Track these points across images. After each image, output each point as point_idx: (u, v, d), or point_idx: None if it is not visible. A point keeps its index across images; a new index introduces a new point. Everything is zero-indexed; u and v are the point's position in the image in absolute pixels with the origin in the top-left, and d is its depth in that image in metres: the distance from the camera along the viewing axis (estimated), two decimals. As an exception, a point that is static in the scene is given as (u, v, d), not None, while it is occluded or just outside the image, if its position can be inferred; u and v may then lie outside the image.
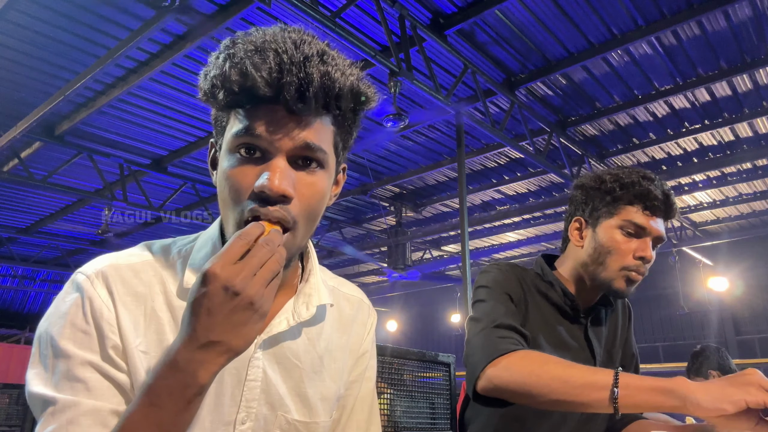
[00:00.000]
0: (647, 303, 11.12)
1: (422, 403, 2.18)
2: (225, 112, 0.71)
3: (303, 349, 0.81)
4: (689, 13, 4.78)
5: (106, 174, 7.37)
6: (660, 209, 1.23)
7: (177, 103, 6.09)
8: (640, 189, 1.22)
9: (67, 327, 0.67)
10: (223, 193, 0.71)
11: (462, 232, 5.70)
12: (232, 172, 0.69)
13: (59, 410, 0.64)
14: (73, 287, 0.71)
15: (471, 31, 5.20)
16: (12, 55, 5.13)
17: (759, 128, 6.75)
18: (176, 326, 0.72)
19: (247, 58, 0.65)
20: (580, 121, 6.65)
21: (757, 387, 0.85)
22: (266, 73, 0.64)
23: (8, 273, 12.63)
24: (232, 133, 0.68)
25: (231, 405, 0.74)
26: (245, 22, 4.87)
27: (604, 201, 1.26)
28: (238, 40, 0.69)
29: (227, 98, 0.66)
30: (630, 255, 1.22)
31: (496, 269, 1.29)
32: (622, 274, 1.22)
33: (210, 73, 0.68)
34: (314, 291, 0.82)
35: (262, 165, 0.68)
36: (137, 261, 0.76)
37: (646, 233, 1.22)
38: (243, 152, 0.68)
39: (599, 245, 1.25)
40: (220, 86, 0.66)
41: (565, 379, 0.97)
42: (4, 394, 5.95)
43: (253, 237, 0.62)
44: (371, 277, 13.37)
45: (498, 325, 1.12)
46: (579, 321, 1.30)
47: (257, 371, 0.75)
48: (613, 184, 1.26)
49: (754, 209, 9.05)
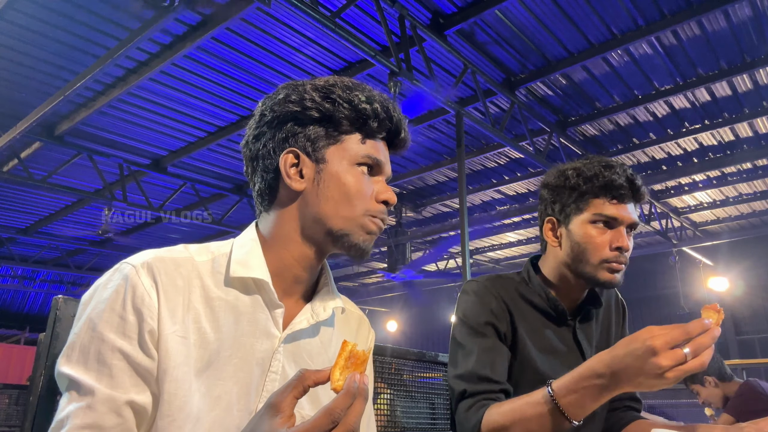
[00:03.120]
0: (647, 303, 11.11)
1: (422, 403, 2.18)
2: (345, 131, 0.85)
3: (316, 351, 0.87)
4: (689, 13, 4.78)
5: (105, 174, 7.37)
6: (627, 195, 1.22)
7: (177, 103, 6.09)
8: (603, 180, 1.21)
9: (107, 312, 0.73)
10: (350, 195, 0.84)
11: (462, 232, 5.70)
12: (360, 182, 0.85)
13: (81, 394, 0.70)
14: (118, 275, 0.76)
15: (471, 31, 5.20)
16: (12, 55, 5.12)
17: (759, 128, 6.75)
18: (212, 316, 0.78)
19: (384, 101, 0.86)
20: (580, 121, 6.65)
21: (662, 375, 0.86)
22: (396, 118, 0.88)
23: (8, 273, 12.62)
24: (362, 153, 0.85)
25: (255, 395, 0.78)
26: (245, 22, 4.88)
27: (571, 197, 1.25)
28: (345, 81, 0.87)
29: (374, 126, 0.85)
30: (606, 247, 1.21)
31: (473, 291, 1.27)
32: (604, 266, 1.21)
33: (353, 99, 0.84)
34: (329, 296, 0.90)
35: (377, 180, 0.87)
36: (179, 256, 0.81)
37: (618, 222, 1.22)
38: (365, 170, 0.85)
39: (575, 243, 1.24)
40: (372, 116, 0.84)
41: (524, 418, 1.01)
42: (4, 394, 5.94)
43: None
44: (371, 277, 13.38)
45: (463, 393, 1.14)
46: (566, 323, 1.29)
47: (278, 364, 0.81)
48: (576, 179, 1.24)
49: (754, 209, 9.04)
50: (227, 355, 0.77)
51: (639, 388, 0.91)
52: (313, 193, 0.84)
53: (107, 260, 11.17)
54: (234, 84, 5.75)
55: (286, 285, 0.86)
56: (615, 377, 0.91)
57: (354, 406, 0.63)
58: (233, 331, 0.78)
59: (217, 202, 8.75)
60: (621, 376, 0.90)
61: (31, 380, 0.97)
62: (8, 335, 13.87)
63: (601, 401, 0.96)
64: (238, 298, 0.81)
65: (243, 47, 5.24)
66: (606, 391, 0.93)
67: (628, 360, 0.88)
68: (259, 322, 0.81)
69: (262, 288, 0.82)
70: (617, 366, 0.90)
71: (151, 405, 0.73)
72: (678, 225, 9.40)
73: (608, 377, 0.91)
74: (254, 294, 0.82)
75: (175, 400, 0.72)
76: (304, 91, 0.85)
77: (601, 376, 0.92)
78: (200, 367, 0.75)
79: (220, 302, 0.79)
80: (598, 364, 0.93)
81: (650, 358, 0.85)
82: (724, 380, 3.22)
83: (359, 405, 0.63)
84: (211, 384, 0.75)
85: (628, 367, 0.88)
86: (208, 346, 0.76)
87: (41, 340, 1.01)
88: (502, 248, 11.35)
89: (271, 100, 0.87)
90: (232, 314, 0.79)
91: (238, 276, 0.81)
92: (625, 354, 0.89)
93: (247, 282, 0.82)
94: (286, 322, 0.84)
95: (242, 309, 0.80)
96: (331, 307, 0.88)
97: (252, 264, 0.82)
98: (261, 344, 0.80)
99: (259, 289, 0.82)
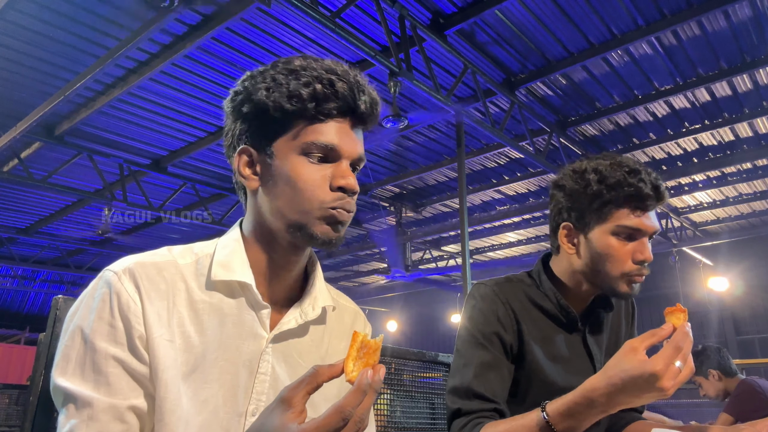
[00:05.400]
0: (647, 303, 11.10)
1: (422, 403, 2.18)
2: (286, 120, 0.78)
3: (307, 349, 0.86)
4: (689, 13, 4.79)
5: (105, 174, 7.37)
6: (652, 204, 1.15)
7: (177, 103, 6.09)
8: (629, 190, 1.13)
9: (96, 321, 0.72)
10: (298, 188, 0.78)
11: (462, 232, 5.70)
12: (307, 171, 0.78)
13: (80, 406, 0.69)
14: (102, 283, 0.75)
15: (471, 31, 5.20)
16: (12, 55, 5.13)
17: (759, 128, 6.75)
18: (196, 319, 0.77)
19: (327, 76, 0.77)
20: (580, 121, 6.65)
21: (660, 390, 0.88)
22: (347, 90, 0.78)
23: (8, 273, 12.63)
24: (306, 140, 0.78)
25: (244, 397, 0.78)
26: (245, 22, 4.88)
27: (592, 205, 1.16)
28: (295, 61, 0.80)
29: (315, 109, 0.77)
30: (629, 260, 1.14)
31: (480, 296, 1.22)
32: (624, 279, 1.15)
33: (289, 84, 0.77)
34: (319, 294, 0.88)
35: (332, 166, 0.79)
36: (161, 260, 0.80)
37: (642, 234, 1.15)
38: (314, 159, 0.78)
39: (595, 253, 1.17)
40: (308, 98, 0.76)
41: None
42: (4, 394, 5.94)
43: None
44: (371, 277, 13.38)
45: (458, 412, 1.13)
46: (577, 329, 1.25)
47: (267, 365, 0.80)
48: (598, 186, 1.15)
49: (754, 209, 9.04)
50: (213, 358, 0.76)
51: (638, 404, 0.94)
52: (267, 190, 0.81)
53: (107, 260, 11.01)
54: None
55: (272, 283, 0.84)
56: (613, 402, 0.92)
57: (364, 401, 0.63)
58: (218, 333, 0.78)
59: (217, 202, 8.75)
60: (620, 401, 0.91)
61: (31, 380, 0.97)
62: (8, 335, 13.87)
63: (597, 419, 0.97)
64: (222, 300, 0.80)
65: (243, 47, 5.24)
66: (604, 414, 0.95)
67: (628, 387, 0.89)
68: (245, 323, 0.80)
69: (246, 289, 0.81)
70: (616, 393, 0.91)
71: (148, 408, 0.73)
72: (678, 225, 9.40)
73: (606, 404, 0.92)
74: (239, 296, 0.81)
75: (165, 403, 0.72)
76: (249, 78, 0.82)
77: (599, 404, 0.93)
78: (186, 371, 0.74)
79: (204, 305, 0.78)
80: (594, 393, 0.93)
81: (655, 383, 0.87)
82: (728, 375, 3.25)
83: (369, 399, 0.63)
84: (198, 387, 0.75)
85: (629, 393, 0.90)
86: (194, 350, 0.76)
87: (41, 340, 1.01)
88: (502, 248, 11.35)
89: (229, 98, 0.85)
90: (216, 317, 0.78)
91: (220, 279, 0.80)
92: (625, 382, 0.89)
93: (231, 284, 0.80)
94: (274, 322, 0.82)
95: (227, 311, 0.79)
96: (321, 305, 0.87)
97: (234, 266, 0.81)
98: (247, 346, 0.79)
99: (244, 291, 0.81)
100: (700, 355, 3.28)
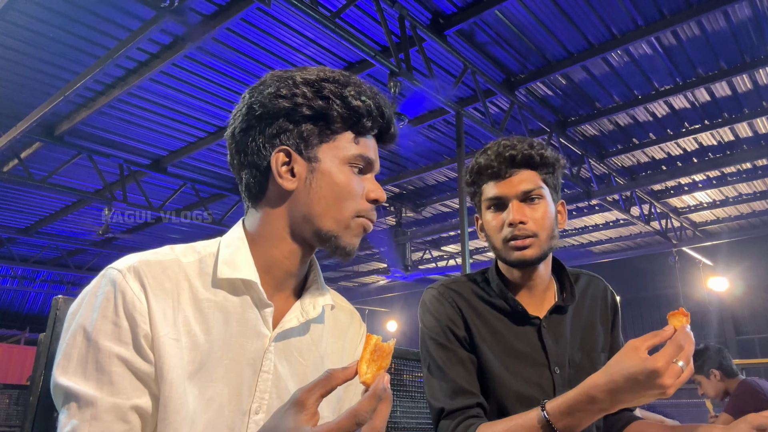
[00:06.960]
0: (647, 303, 11.11)
1: (422, 403, 2.18)
2: (337, 129, 0.83)
3: (306, 348, 0.87)
4: (689, 13, 4.79)
5: (106, 174, 7.37)
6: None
7: (177, 104, 6.09)
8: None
9: (99, 319, 0.71)
10: (342, 196, 0.83)
11: (462, 232, 5.70)
12: (353, 181, 0.84)
13: (83, 405, 0.68)
14: (106, 281, 0.74)
15: (471, 31, 5.20)
16: (12, 55, 5.13)
17: (759, 128, 6.75)
18: (201, 317, 0.78)
19: (375, 97, 0.85)
20: (580, 121, 6.65)
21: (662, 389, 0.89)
22: (388, 113, 0.87)
23: (8, 273, 12.63)
24: (355, 153, 0.84)
25: (248, 395, 0.78)
26: (245, 22, 4.88)
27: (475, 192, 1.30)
28: (338, 75, 0.84)
29: (364, 125, 0.84)
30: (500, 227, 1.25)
31: (428, 300, 1.27)
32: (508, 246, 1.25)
33: (347, 98, 0.82)
34: (319, 293, 0.89)
35: (365, 178, 0.86)
36: (164, 258, 0.80)
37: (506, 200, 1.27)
38: (356, 170, 0.84)
39: (482, 233, 1.31)
40: (365, 114, 0.83)
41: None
42: (4, 394, 5.95)
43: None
44: (371, 277, 13.38)
45: (441, 412, 1.15)
46: (530, 322, 1.23)
47: (270, 363, 0.81)
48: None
49: (754, 209, 9.05)
50: (218, 357, 0.77)
51: (638, 403, 0.94)
52: (305, 193, 0.82)
53: (107, 260, 11.01)
54: (234, 84, 5.75)
55: (275, 282, 0.85)
56: (614, 400, 0.93)
57: (381, 410, 0.63)
58: (223, 332, 0.78)
59: (217, 202, 8.75)
60: (621, 399, 0.93)
61: (31, 380, 0.97)
62: (8, 335, 13.88)
63: (598, 417, 0.98)
64: (226, 298, 0.80)
65: (243, 47, 5.24)
66: (604, 412, 0.96)
67: (629, 384, 0.90)
68: (249, 321, 0.80)
69: (251, 288, 0.81)
70: (617, 390, 0.92)
71: (152, 408, 0.73)
72: (678, 225, 9.40)
73: (607, 401, 0.94)
74: (243, 294, 0.81)
75: (170, 402, 0.72)
76: (294, 85, 0.81)
77: (600, 402, 0.94)
78: (192, 370, 0.75)
79: (209, 303, 0.79)
80: (595, 390, 0.94)
81: (655, 379, 0.88)
82: (729, 376, 3.26)
83: (386, 408, 0.64)
84: (204, 386, 0.75)
85: (630, 390, 0.91)
86: (199, 348, 0.76)
87: (41, 340, 1.02)
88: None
89: (259, 93, 0.83)
90: (221, 315, 0.79)
91: (225, 277, 0.80)
92: (626, 379, 0.90)
93: (236, 283, 0.81)
94: (276, 320, 0.83)
95: (231, 309, 0.80)
96: (321, 304, 0.88)
97: (239, 264, 0.81)
98: (251, 344, 0.80)
99: (248, 289, 0.82)
100: (701, 354, 3.29)
